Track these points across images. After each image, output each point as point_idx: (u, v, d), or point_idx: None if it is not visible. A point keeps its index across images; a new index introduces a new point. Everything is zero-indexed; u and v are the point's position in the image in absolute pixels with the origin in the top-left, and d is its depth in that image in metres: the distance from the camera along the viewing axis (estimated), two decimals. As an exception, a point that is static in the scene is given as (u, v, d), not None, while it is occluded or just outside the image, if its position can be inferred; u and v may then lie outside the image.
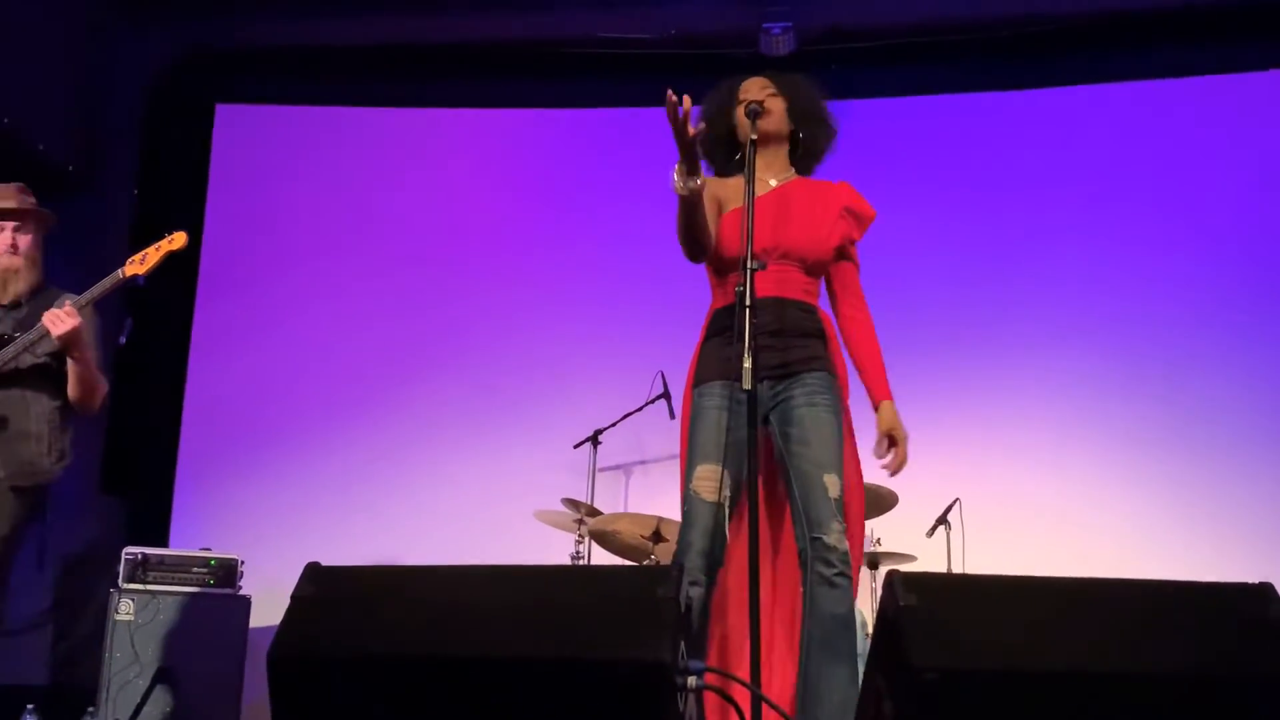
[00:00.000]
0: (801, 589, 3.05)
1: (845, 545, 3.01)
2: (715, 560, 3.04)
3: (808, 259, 3.24)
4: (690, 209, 3.10)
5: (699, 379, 3.25)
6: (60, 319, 3.82)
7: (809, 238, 3.24)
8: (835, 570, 2.98)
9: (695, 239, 3.16)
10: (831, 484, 3.04)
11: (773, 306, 3.14)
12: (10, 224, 4.09)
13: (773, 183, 3.34)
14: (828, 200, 3.33)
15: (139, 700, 4.86)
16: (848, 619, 2.98)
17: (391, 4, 6.68)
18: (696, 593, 2.99)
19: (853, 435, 3.27)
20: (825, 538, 3.00)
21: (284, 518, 6.25)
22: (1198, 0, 6.31)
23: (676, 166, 3.04)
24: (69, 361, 3.94)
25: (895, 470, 3.24)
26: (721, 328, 3.21)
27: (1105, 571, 2.44)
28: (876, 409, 3.28)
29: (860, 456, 3.34)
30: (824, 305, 3.39)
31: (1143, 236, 6.28)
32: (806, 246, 3.24)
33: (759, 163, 3.28)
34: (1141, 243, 6.28)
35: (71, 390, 3.99)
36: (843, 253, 3.35)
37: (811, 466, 3.06)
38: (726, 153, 3.39)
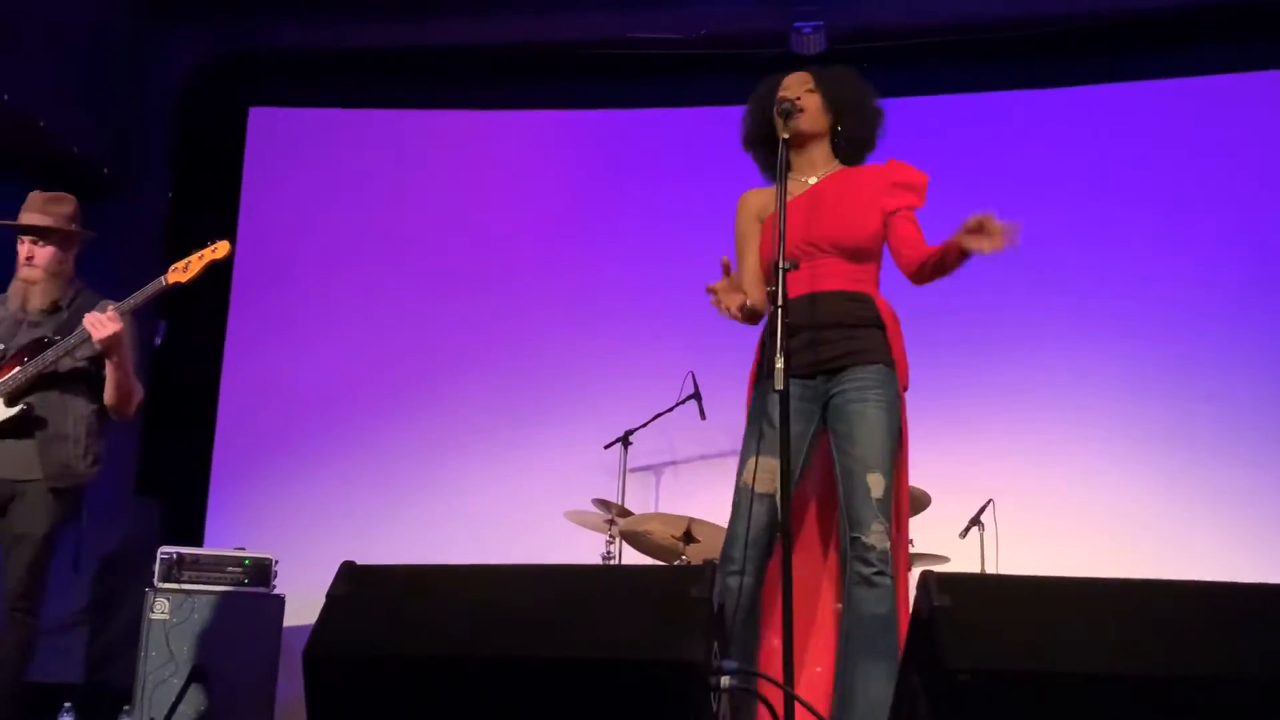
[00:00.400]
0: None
1: (886, 544, 2.98)
2: (764, 551, 3.03)
3: (846, 247, 3.21)
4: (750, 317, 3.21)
5: (758, 377, 3.25)
6: (102, 323, 3.85)
7: (843, 226, 3.20)
8: (874, 569, 2.96)
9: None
10: (875, 483, 3.01)
11: (805, 303, 3.12)
12: (29, 237, 4.12)
13: (811, 180, 3.32)
14: (866, 184, 3.28)
15: (174, 699, 4.89)
16: (887, 618, 2.95)
17: (422, 7, 6.70)
18: (737, 581, 2.99)
19: (905, 431, 3.22)
20: (864, 537, 2.98)
21: (317, 517, 6.29)
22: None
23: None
24: (107, 366, 3.97)
25: (1012, 232, 3.04)
26: (771, 328, 3.22)
27: (1140, 573, 2.42)
28: (958, 241, 3.07)
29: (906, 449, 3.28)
30: (886, 292, 3.32)
31: (1183, 235, 6.24)
32: (842, 235, 3.20)
33: (800, 162, 3.29)
34: (1180, 241, 6.23)
35: (108, 395, 4.01)
36: (900, 220, 3.26)
37: (855, 465, 3.04)
38: (770, 152, 3.38)
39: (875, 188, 3.28)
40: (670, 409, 5.77)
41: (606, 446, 5.90)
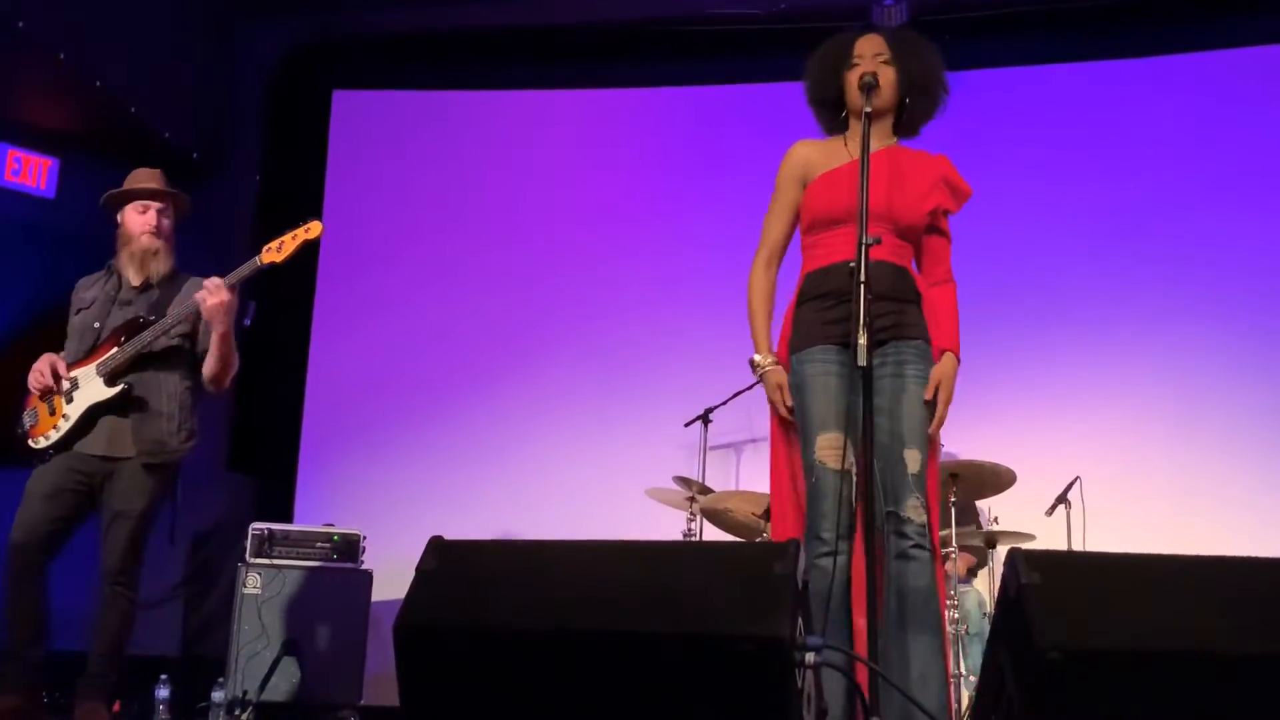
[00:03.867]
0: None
1: (923, 517, 2.96)
2: (851, 528, 2.99)
3: (900, 222, 3.17)
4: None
5: (796, 344, 3.20)
6: (214, 291, 3.91)
7: (902, 202, 3.17)
8: (912, 543, 2.94)
9: None
10: (911, 459, 3.00)
11: (848, 271, 3.02)
12: (155, 205, 4.21)
13: (874, 147, 3.25)
14: (924, 168, 3.25)
15: (266, 671, 5.01)
16: (928, 591, 2.93)
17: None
18: (830, 562, 2.96)
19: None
20: (900, 511, 2.97)
21: (403, 493, 6.39)
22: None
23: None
24: (212, 336, 4.02)
25: (934, 427, 3.10)
26: (816, 291, 3.18)
27: (1232, 550, 2.38)
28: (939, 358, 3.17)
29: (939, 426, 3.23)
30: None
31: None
32: (900, 210, 3.16)
33: (857, 130, 3.25)
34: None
35: (210, 366, 4.07)
36: (935, 225, 3.26)
37: (891, 440, 3.02)
38: (833, 113, 3.34)
39: (930, 177, 3.24)
40: (750, 386, 5.70)
41: (687, 424, 5.92)
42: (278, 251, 4.03)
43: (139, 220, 4.19)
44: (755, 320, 3.27)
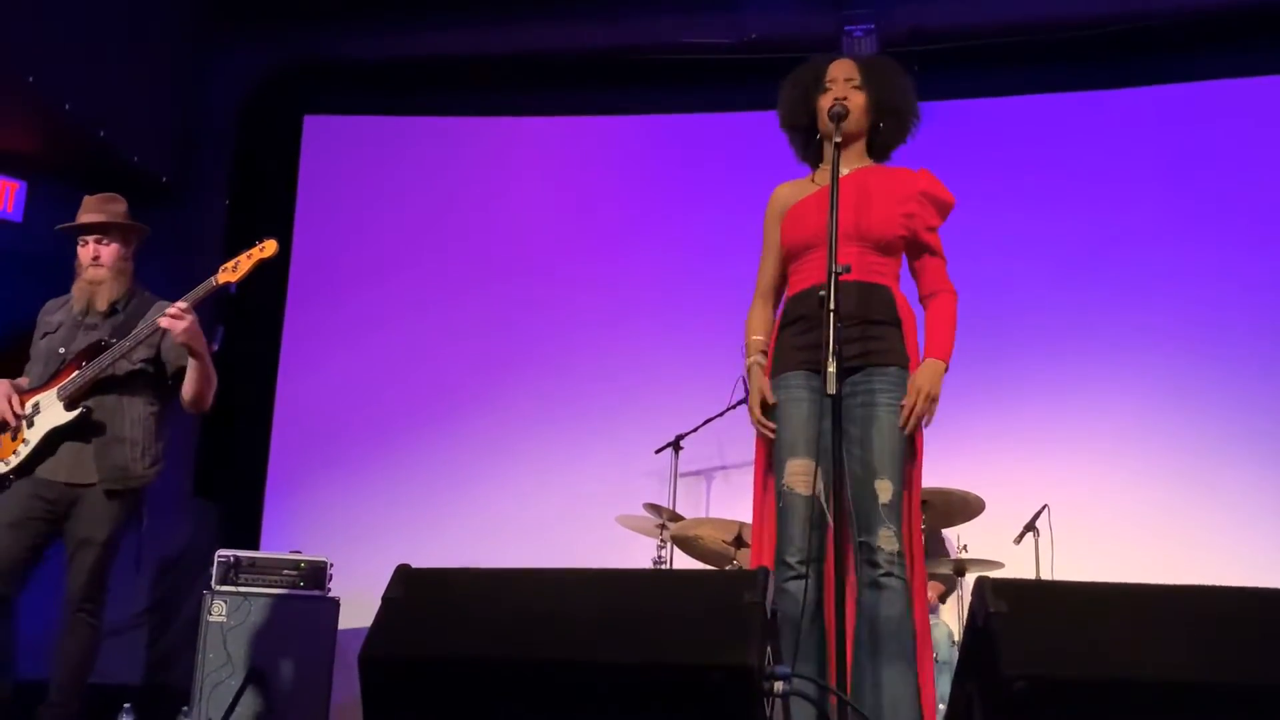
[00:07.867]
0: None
1: (895, 546, 2.95)
2: (819, 553, 2.99)
3: (869, 238, 3.17)
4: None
5: (775, 370, 3.22)
6: (177, 319, 3.85)
7: (869, 220, 3.17)
8: (882, 571, 2.94)
9: None
10: (883, 489, 2.99)
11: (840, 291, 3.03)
12: (93, 237, 4.19)
13: (844, 171, 3.27)
14: (896, 184, 3.26)
15: (231, 700, 4.95)
16: (900, 619, 2.93)
17: (477, 16, 6.75)
18: (798, 586, 2.95)
19: (919, 431, 3.15)
20: (872, 540, 2.96)
21: (371, 521, 6.35)
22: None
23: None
24: (190, 359, 3.98)
25: (903, 423, 3.04)
26: (795, 316, 3.20)
27: (1198, 579, 2.39)
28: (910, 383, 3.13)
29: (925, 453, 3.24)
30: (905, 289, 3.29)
31: (1244, 239, 6.15)
32: (868, 228, 3.17)
33: (829, 156, 3.26)
34: (1242, 245, 6.14)
35: (190, 388, 4.00)
36: (920, 241, 3.25)
37: (863, 469, 3.02)
38: (805, 138, 3.37)
39: (905, 191, 3.25)
40: (721, 414, 5.76)
41: (657, 451, 5.91)
42: (233, 271, 3.99)
43: (82, 253, 4.18)
44: (749, 336, 3.33)
